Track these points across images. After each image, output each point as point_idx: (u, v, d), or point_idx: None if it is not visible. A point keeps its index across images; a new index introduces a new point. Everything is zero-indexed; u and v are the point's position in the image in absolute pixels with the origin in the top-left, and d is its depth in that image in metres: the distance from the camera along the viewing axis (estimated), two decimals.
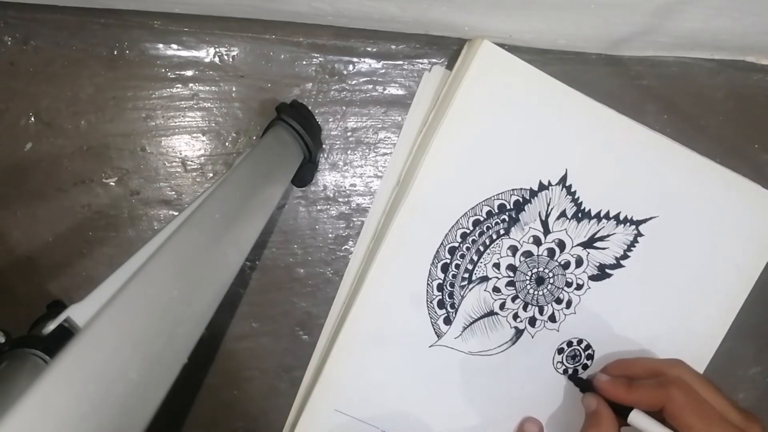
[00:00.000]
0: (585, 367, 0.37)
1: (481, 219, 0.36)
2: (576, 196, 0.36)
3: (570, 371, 0.37)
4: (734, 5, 0.30)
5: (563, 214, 0.36)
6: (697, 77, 0.39)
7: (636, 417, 0.31)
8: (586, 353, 0.37)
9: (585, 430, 0.32)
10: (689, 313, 0.38)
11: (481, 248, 0.36)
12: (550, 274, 0.37)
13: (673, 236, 0.37)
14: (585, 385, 0.36)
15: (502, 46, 0.35)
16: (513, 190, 0.36)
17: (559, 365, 0.37)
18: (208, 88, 0.35)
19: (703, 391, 0.30)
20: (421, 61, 0.37)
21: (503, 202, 0.36)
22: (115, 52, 0.35)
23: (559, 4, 0.30)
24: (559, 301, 0.37)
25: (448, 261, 0.36)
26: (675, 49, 0.38)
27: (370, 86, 0.37)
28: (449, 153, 0.35)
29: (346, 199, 0.37)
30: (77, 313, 0.24)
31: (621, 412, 0.32)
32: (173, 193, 0.36)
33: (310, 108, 0.36)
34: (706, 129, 0.39)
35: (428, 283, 0.36)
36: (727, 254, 0.38)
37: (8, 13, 0.33)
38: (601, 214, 0.37)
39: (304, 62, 0.36)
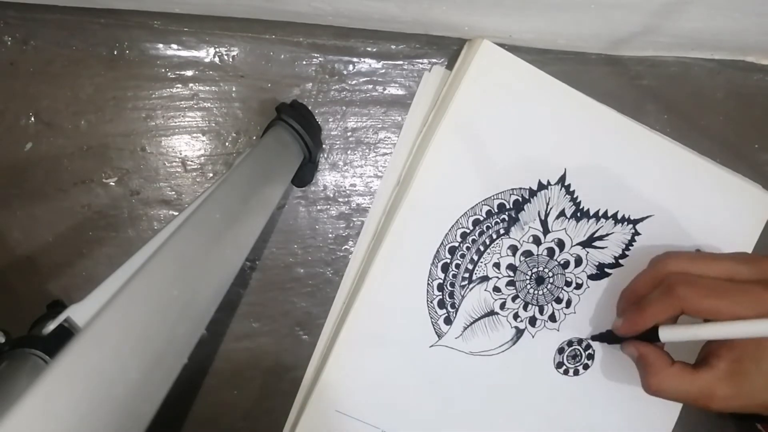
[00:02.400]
0: (586, 366, 0.37)
1: (481, 218, 0.36)
2: (575, 196, 0.36)
3: (571, 371, 0.37)
4: (734, 5, 0.30)
5: (562, 213, 0.36)
6: (697, 77, 0.39)
7: (665, 333, 0.30)
8: (587, 353, 0.37)
9: (643, 380, 0.31)
10: None
11: (481, 248, 0.36)
12: (550, 274, 0.37)
13: (668, 235, 0.37)
14: (612, 337, 0.34)
15: (502, 46, 0.35)
16: (512, 189, 0.36)
17: (560, 365, 0.37)
18: (208, 88, 0.35)
19: (703, 269, 0.29)
20: (421, 61, 0.37)
21: (503, 201, 0.36)
22: (115, 52, 0.35)
23: (559, 4, 0.30)
24: (559, 300, 0.37)
25: (449, 261, 0.36)
26: (675, 49, 0.38)
27: (370, 86, 0.37)
28: (449, 152, 0.35)
29: (346, 199, 0.37)
30: (77, 313, 0.24)
31: (656, 339, 0.31)
32: (173, 193, 0.36)
33: (310, 108, 0.36)
34: (706, 129, 0.39)
35: (428, 283, 0.36)
36: (717, 250, 0.38)
37: (8, 13, 0.33)
38: (600, 214, 0.37)
39: (304, 62, 0.36)
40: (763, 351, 0.29)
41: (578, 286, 0.37)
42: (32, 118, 0.34)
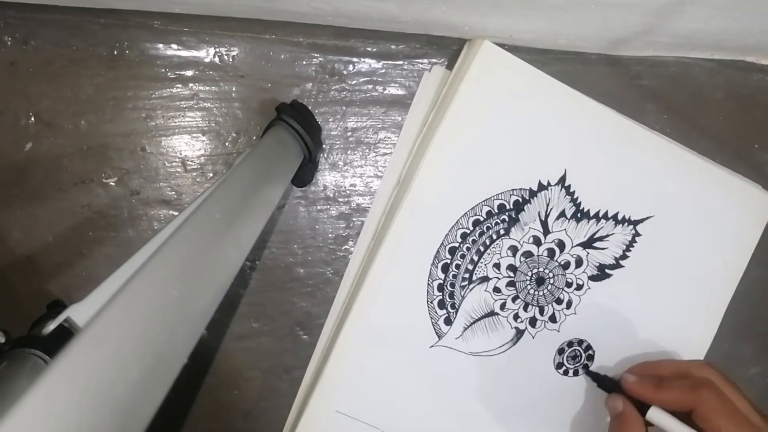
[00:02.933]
0: (585, 367, 0.37)
1: (481, 219, 0.36)
2: (575, 197, 0.36)
3: (571, 372, 0.37)
4: (734, 5, 0.30)
5: (562, 214, 0.36)
6: (697, 77, 0.39)
7: (656, 414, 0.30)
8: (587, 353, 0.37)
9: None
10: (685, 310, 0.38)
11: (482, 248, 0.36)
12: (550, 275, 0.37)
13: (669, 235, 0.37)
14: (608, 384, 0.35)
15: (502, 46, 0.35)
16: (513, 190, 0.36)
17: (560, 366, 0.37)
18: (208, 88, 0.35)
19: (730, 394, 0.30)
20: (421, 61, 0.37)
21: (503, 202, 0.36)
22: (115, 52, 0.35)
23: (559, 4, 0.30)
24: (559, 301, 0.37)
25: (449, 261, 0.36)
26: (675, 49, 0.38)
27: (370, 86, 0.37)
28: (449, 153, 0.35)
29: (346, 199, 0.37)
30: (77, 313, 0.24)
31: (643, 413, 0.31)
32: (173, 193, 0.36)
33: (310, 108, 0.36)
34: (706, 129, 0.39)
35: (429, 284, 0.36)
36: (718, 250, 0.38)
37: (8, 13, 0.33)
38: (600, 214, 0.37)
39: (304, 62, 0.36)
40: None
41: (579, 287, 0.37)
42: (32, 118, 0.34)
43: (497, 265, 0.36)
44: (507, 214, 0.36)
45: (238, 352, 0.37)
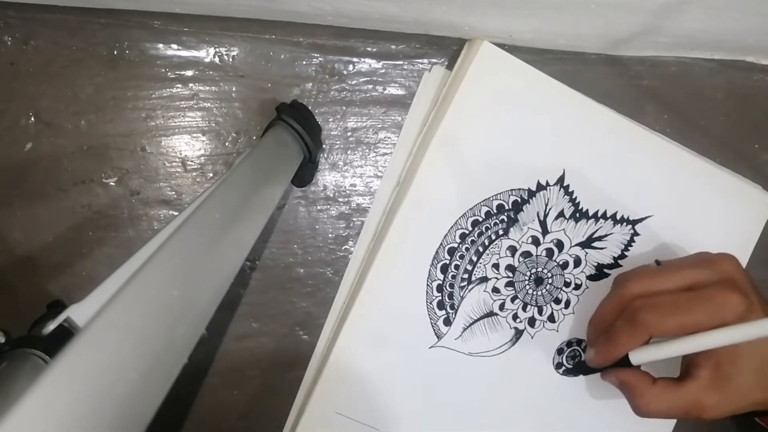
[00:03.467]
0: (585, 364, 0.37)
1: (480, 219, 0.36)
2: (574, 197, 0.36)
3: (571, 371, 0.37)
4: (734, 5, 0.30)
5: (561, 214, 0.36)
6: (697, 77, 0.39)
7: (636, 357, 0.30)
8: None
9: (630, 403, 0.31)
10: None
11: (480, 249, 0.36)
12: (549, 275, 0.37)
13: (667, 235, 0.37)
14: (589, 367, 0.34)
15: (502, 46, 0.35)
16: (511, 190, 0.36)
17: (559, 365, 0.37)
18: (208, 88, 0.35)
19: (665, 284, 0.30)
20: (421, 61, 0.37)
21: (502, 202, 0.36)
22: (115, 52, 0.34)
23: (559, 4, 0.30)
24: (558, 301, 0.37)
25: (448, 262, 0.36)
26: (675, 49, 0.38)
27: (370, 86, 0.37)
28: (448, 153, 0.35)
29: (346, 199, 0.37)
30: (77, 313, 0.24)
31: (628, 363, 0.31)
32: (173, 193, 0.36)
33: (310, 108, 0.36)
34: (706, 129, 0.39)
35: (428, 284, 0.36)
36: (717, 250, 0.38)
37: (8, 13, 0.33)
38: (599, 214, 0.37)
39: (304, 62, 0.36)
40: (739, 352, 0.29)
41: (577, 287, 0.37)
42: (32, 118, 0.34)
43: (496, 266, 0.36)
44: (506, 214, 0.36)
45: (238, 352, 0.37)
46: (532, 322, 0.37)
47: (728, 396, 0.29)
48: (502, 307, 0.36)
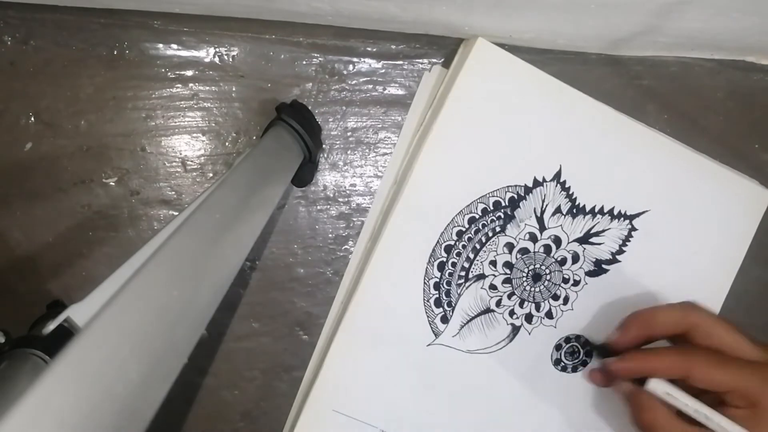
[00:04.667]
0: (584, 363, 0.37)
1: (477, 216, 0.36)
2: (570, 192, 0.36)
3: (569, 368, 0.37)
4: (734, 5, 0.30)
5: (558, 210, 0.36)
6: (697, 77, 0.39)
7: (658, 386, 0.30)
8: (585, 349, 0.37)
9: (635, 415, 0.31)
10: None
11: (477, 246, 0.36)
12: (547, 271, 0.37)
13: (665, 230, 0.37)
14: (605, 351, 0.34)
15: (502, 46, 0.35)
16: (508, 187, 0.36)
17: (558, 362, 0.37)
18: (208, 88, 0.35)
19: (721, 335, 0.30)
20: (421, 61, 0.37)
21: (498, 199, 0.36)
22: (115, 52, 0.35)
23: (559, 4, 0.30)
24: (556, 297, 0.37)
25: (445, 259, 0.36)
26: (675, 49, 0.38)
27: (370, 86, 0.37)
28: (444, 151, 0.35)
29: (346, 199, 0.37)
30: (77, 313, 0.24)
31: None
32: (173, 193, 0.36)
33: (310, 108, 0.36)
34: (706, 129, 0.39)
35: (425, 282, 0.36)
36: (714, 244, 0.38)
37: (8, 13, 0.33)
38: (596, 210, 0.37)
39: (304, 62, 0.36)
40: None
41: (576, 283, 0.37)
42: (32, 118, 0.34)
43: (493, 263, 0.36)
44: (502, 211, 0.36)
45: (238, 352, 0.37)
46: (529, 318, 0.37)
47: None
48: (499, 303, 0.36)
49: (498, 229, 0.36)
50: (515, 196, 0.36)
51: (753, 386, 0.28)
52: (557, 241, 0.37)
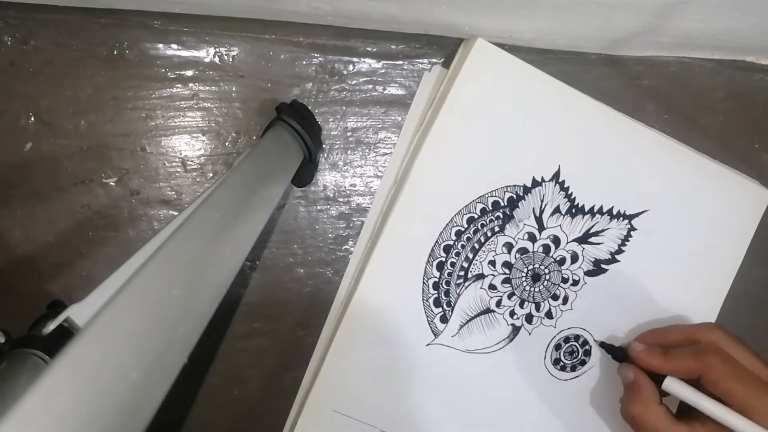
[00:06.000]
0: (583, 363, 0.37)
1: (476, 216, 0.36)
2: (569, 192, 0.36)
3: (569, 368, 0.37)
4: (734, 5, 0.30)
5: (557, 210, 0.36)
6: (697, 77, 0.39)
7: (671, 384, 0.31)
8: (584, 349, 0.37)
9: (626, 402, 0.32)
10: (681, 304, 0.38)
11: (476, 246, 0.36)
12: (546, 271, 0.37)
13: (664, 229, 0.37)
14: (619, 354, 0.35)
15: (502, 46, 0.35)
16: (506, 186, 0.36)
17: (557, 362, 0.37)
18: (208, 88, 0.35)
19: (739, 355, 0.30)
20: (421, 61, 0.37)
21: (497, 199, 0.36)
22: (115, 52, 0.35)
23: (559, 4, 0.30)
24: (555, 297, 0.37)
25: (444, 259, 0.36)
26: (675, 49, 0.38)
27: (370, 86, 0.37)
28: (443, 151, 0.35)
29: (346, 199, 0.37)
30: (77, 313, 0.24)
31: (656, 380, 0.31)
32: (173, 193, 0.36)
33: (310, 108, 0.36)
34: (706, 129, 0.39)
35: (424, 282, 0.36)
36: (714, 244, 0.38)
37: (8, 13, 0.33)
38: (595, 210, 0.37)
39: (304, 62, 0.36)
40: None
41: (575, 283, 0.37)
42: (32, 118, 0.34)
43: (492, 263, 0.36)
44: (501, 211, 0.36)
45: (238, 352, 0.37)
46: (529, 318, 0.37)
47: None
48: (498, 303, 0.36)
49: (497, 228, 0.36)
50: (514, 196, 0.36)
51: (762, 406, 0.28)
52: (556, 240, 0.37)
